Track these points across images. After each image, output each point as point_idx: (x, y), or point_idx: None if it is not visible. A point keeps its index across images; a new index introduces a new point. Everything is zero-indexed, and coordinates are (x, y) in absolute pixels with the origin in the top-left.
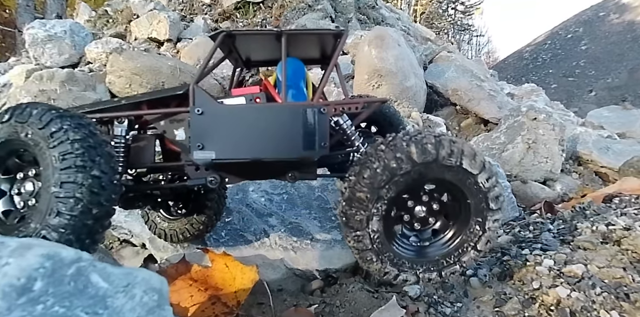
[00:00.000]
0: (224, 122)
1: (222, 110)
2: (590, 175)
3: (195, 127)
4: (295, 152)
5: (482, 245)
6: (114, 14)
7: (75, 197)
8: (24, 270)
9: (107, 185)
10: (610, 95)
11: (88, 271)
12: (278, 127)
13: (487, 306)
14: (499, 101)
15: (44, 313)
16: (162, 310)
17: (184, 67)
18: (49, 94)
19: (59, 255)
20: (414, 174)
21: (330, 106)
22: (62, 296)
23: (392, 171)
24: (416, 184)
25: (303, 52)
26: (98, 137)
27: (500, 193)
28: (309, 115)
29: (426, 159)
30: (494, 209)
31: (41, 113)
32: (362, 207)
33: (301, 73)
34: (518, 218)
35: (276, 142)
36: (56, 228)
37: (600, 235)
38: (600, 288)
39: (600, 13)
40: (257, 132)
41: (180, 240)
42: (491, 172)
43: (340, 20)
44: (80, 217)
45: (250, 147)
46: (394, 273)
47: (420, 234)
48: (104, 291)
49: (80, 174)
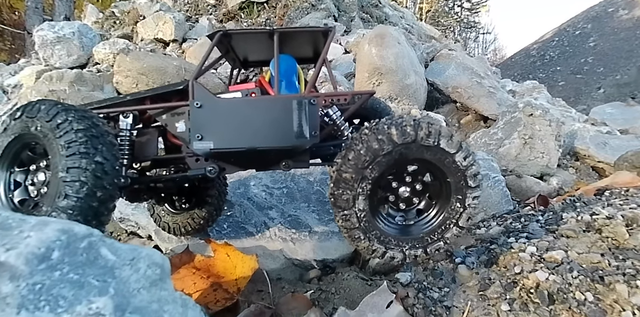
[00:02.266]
0: (221, 114)
1: (219, 103)
2: (587, 170)
3: (195, 119)
4: (287, 140)
5: (464, 221)
6: (120, 16)
7: (81, 181)
8: (44, 241)
9: (110, 170)
10: (619, 92)
11: (98, 245)
12: (271, 117)
13: (472, 290)
14: (499, 98)
15: (61, 278)
16: (164, 283)
17: (188, 67)
18: (58, 94)
19: (73, 230)
20: (395, 154)
21: (320, 98)
22: (76, 265)
23: (374, 151)
24: (398, 165)
25: (296, 50)
26: (101, 128)
27: (477, 171)
28: (300, 106)
29: (406, 139)
30: (473, 186)
31: (48, 108)
32: (348, 187)
33: (293, 68)
34: (512, 211)
35: (270, 131)
36: (65, 210)
37: (584, 224)
38: (577, 272)
39: (609, 9)
40: (252, 123)
41: (182, 233)
42: (468, 151)
43: (343, 19)
44: (85, 199)
45: (245, 137)
46: (381, 251)
47: (406, 214)
48: (112, 263)
49: (84, 160)
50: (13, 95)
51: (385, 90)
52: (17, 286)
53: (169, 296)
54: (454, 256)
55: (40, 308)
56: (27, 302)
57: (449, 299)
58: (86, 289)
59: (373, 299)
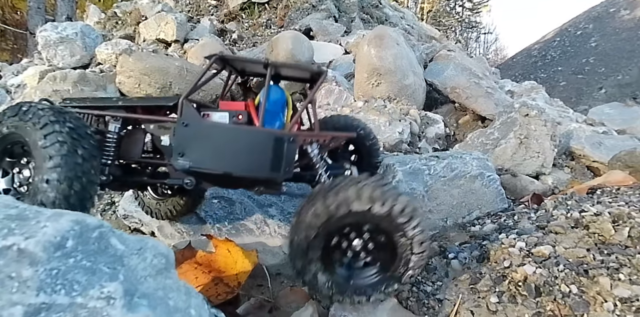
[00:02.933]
0: (205, 137)
1: (204, 125)
2: (582, 169)
3: (179, 137)
4: (261, 172)
5: (406, 279)
6: (122, 16)
7: (59, 180)
8: (59, 231)
9: (88, 158)
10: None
11: (108, 235)
12: (250, 148)
13: (463, 284)
14: (496, 98)
15: (75, 265)
16: (169, 272)
17: (190, 67)
18: (62, 94)
19: (85, 221)
20: (349, 218)
21: (300, 137)
22: (88, 253)
23: (329, 213)
24: (353, 225)
25: (289, 81)
26: (76, 122)
27: (424, 239)
28: (278, 142)
29: (360, 208)
30: (416, 252)
31: (27, 107)
32: (303, 239)
33: (282, 100)
34: (507, 209)
35: (246, 161)
36: (47, 192)
37: (572, 221)
38: (563, 266)
39: (611, 9)
40: (231, 150)
41: (166, 217)
42: (419, 220)
43: (343, 19)
44: (64, 197)
45: (223, 162)
46: (338, 297)
47: (353, 264)
48: (121, 252)
49: (62, 149)
50: (16, 95)
51: (384, 90)
52: (36, 271)
53: (173, 284)
54: (448, 251)
55: (57, 291)
56: (45, 285)
57: (442, 293)
58: (98, 275)
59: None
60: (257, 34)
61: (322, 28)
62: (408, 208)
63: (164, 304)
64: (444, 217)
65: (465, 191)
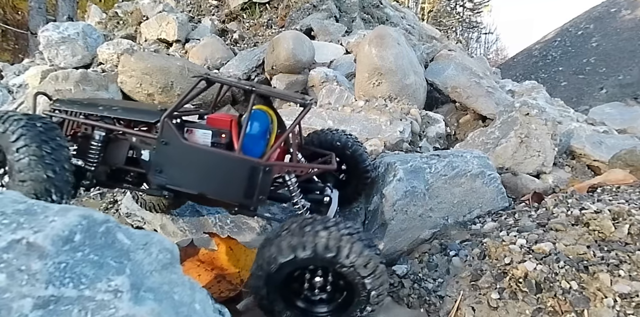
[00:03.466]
0: (183, 157)
1: (184, 146)
2: (582, 168)
3: (158, 154)
4: (235, 197)
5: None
6: (124, 16)
7: (31, 166)
8: (67, 225)
9: (58, 157)
10: (622, 92)
11: (115, 230)
12: (226, 173)
13: (464, 281)
14: (497, 98)
15: (83, 259)
16: (174, 267)
17: (192, 67)
18: (64, 93)
19: (92, 216)
20: (310, 260)
21: (277, 167)
22: (95, 247)
23: (290, 253)
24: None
25: None
26: (46, 125)
27: (382, 293)
28: (254, 171)
29: (324, 255)
30: (372, 303)
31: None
32: (261, 273)
33: (264, 126)
34: (507, 208)
35: (221, 185)
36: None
37: (573, 218)
38: (563, 262)
39: (612, 9)
40: (207, 173)
41: (155, 210)
42: (381, 276)
43: (344, 19)
44: (37, 178)
45: (199, 184)
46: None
47: (313, 297)
48: (127, 247)
49: (33, 150)
50: (18, 95)
51: (385, 90)
52: (45, 264)
53: (178, 279)
54: (449, 249)
55: (65, 284)
56: (54, 278)
57: (443, 289)
58: (105, 269)
59: None
60: (258, 34)
61: (323, 28)
62: (372, 262)
63: (169, 298)
64: (444, 216)
65: (466, 190)
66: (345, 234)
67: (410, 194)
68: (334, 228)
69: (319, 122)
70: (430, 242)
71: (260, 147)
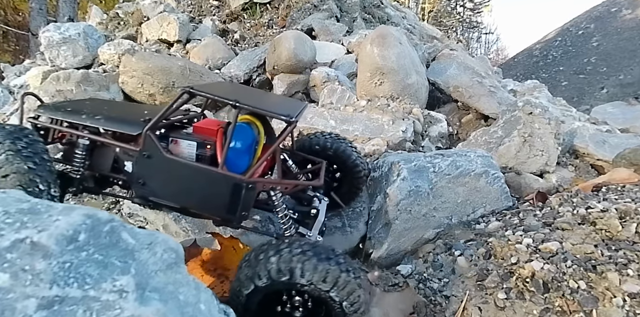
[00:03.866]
0: (166, 171)
1: (166, 160)
2: (586, 167)
3: (141, 167)
4: (218, 212)
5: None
6: (124, 17)
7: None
8: (71, 224)
9: (35, 150)
10: (623, 92)
11: (119, 229)
12: (209, 189)
13: (470, 281)
14: (499, 97)
15: (87, 258)
16: (179, 267)
17: (193, 67)
18: (65, 94)
19: (97, 215)
20: (271, 286)
21: (260, 184)
22: (100, 246)
23: (250, 284)
24: None
25: None
26: (15, 127)
27: (355, 301)
28: (236, 188)
29: (279, 279)
30: (350, 313)
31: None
32: (235, 303)
33: (249, 141)
34: (511, 207)
35: (204, 200)
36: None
37: (579, 217)
38: (571, 261)
39: (612, 9)
40: (190, 188)
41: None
42: (345, 286)
43: (345, 19)
44: (19, 170)
45: (181, 197)
46: None
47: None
48: (132, 246)
49: (8, 146)
50: (19, 95)
51: (387, 89)
52: (49, 264)
53: (183, 279)
54: (454, 249)
55: (69, 284)
56: (58, 278)
57: (448, 289)
58: (110, 269)
59: None
60: (259, 34)
61: (324, 28)
62: (348, 287)
63: (174, 298)
64: (448, 215)
65: (470, 189)
66: (297, 254)
67: (414, 194)
68: (286, 250)
69: (321, 122)
70: (434, 241)
71: (245, 161)
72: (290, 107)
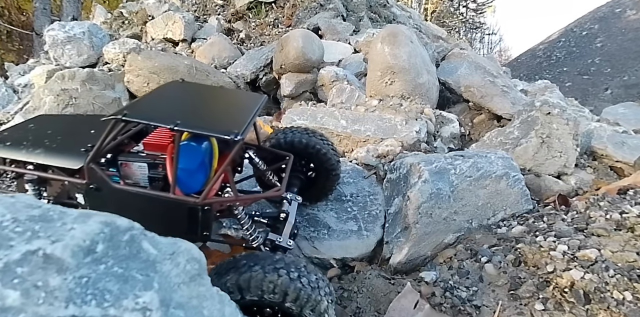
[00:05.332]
0: (117, 201)
1: (115, 190)
2: (605, 169)
3: (91, 200)
4: (178, 235)
5: None
6: (129, 16)
7: None
8: (88, 234)
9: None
10: (627, 93)
11: (140, 238)
12: (165, 215)
13: (502, 290)
14: (513, 97)
15: (106, 272)
16: (202, 279)
17: (199, 66)
18: (70, 92)
19: (115, 223)
20: None
21: (216, 204)
22: (119, 258)
23: None
24: None
25: None
26: None
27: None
28: (193, 212)
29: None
30: None
31: None
32: None
33: (198, 156)
34: (532, 211)
35: (162, 225)
36: None
37: (614, 223)
38: (613, 270)
39: (617, 9)
40: (145, 215)
41: None
42: (318, 306)
43: (352, 18)
44: None
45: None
46: None
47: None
48: (153, 257)
49: None
50: (23, 94)
51: (397, 89)
52: (65, 279)
53: (206, 291)
54: (480, 255)
55: (87, 302)
56: (75, 296)
57: (478, 299)
58: (131, 283)
59: (400, 303)
60: (265, 33)
61: (331, 27)
62: (321, 305)
63: (199, 313)
64: (469, 219)
65: (491, 192)
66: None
67: (436, 197)
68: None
69: (331, 122)
70: (454, 246)
71: (200, 178)
72: (240, 116)
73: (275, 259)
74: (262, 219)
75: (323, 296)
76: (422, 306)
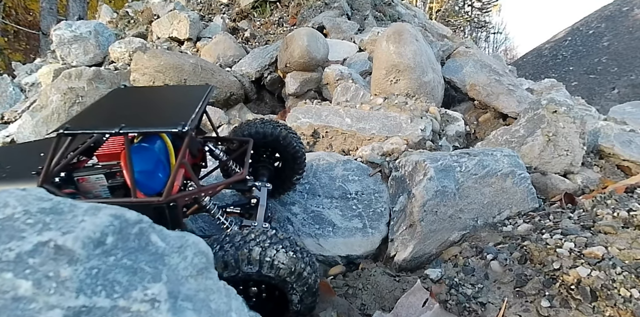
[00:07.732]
0: None
1: None
2: (612, 168)
3: None
4: None
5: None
6: (134, 15)
7: None
8: (98, 226)
9: None
10: (634, 92)
11: (149, 231)
12: None
13: (507, 287)
14: (518, 96)
15: (115, 264)
16: (209, 272)
17: (205, 65)
18: (77, 91)
19: (124, 216)
20: None
21: (181, 198)
22: (128, 250)
23: None
24: None
25: None
26: None
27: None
28: (159, 210)
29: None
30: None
31: None
32: None
33: (153, 156)
34: (538, 209)
35: None
36: None
37: (621, 220)
38: (620, 268)
39: (624, 8)
40: None
41: None
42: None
43: (356, 17)
44: None
45: None
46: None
47: None
48: (162, 250)
49: None
50: (31, 93)
51: (403, 87)
52: (75, 270)
53: (213, 285)
54: (485, 252)
55: (97, 293)
56: (85, 286)
57: (484, 296)
58: (139, 275)
59: (408, 300)
60: (269, 32)
61: (335, 26)
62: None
63: (206, 306)
64: (474, 217)
65: (497, 190)
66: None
67: (441, 194)
68: None
69: (336, 120)
70: (459, 244)
71: (160, 179)
72: (185, 109)
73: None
74: (235, 210)
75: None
76: (431, 305)
